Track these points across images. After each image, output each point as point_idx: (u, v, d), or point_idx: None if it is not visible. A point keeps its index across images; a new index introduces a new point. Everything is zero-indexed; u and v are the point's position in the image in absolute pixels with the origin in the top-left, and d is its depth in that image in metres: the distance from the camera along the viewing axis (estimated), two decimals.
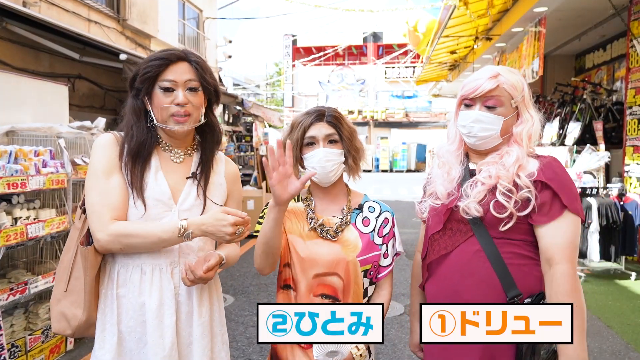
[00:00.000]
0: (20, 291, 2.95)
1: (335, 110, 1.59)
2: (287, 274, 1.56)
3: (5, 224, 2.83)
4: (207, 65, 1.55)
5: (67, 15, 7.41)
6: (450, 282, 1.42)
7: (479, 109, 1.43)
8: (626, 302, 4.57)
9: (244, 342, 3.69)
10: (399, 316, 4.26)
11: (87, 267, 1.43)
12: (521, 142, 1.42)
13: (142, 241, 1.40)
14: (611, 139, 6.91)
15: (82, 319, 1.45)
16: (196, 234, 1.40)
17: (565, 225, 1.34)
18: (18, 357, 2.96)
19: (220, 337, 1.58)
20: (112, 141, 1.49)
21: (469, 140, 1.47)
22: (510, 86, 1.41)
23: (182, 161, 1.55)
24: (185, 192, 1.51)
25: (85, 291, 1.45)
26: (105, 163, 1.46)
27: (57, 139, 3.45)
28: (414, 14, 12.67)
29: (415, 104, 30.25)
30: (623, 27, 6.55)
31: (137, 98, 1.50)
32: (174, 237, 1.39)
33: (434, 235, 1.48)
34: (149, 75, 1.45)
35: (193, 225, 1.39)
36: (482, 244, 1.38)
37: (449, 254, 1.43)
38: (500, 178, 1.37)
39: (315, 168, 1.52)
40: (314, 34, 33.06)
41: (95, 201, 1.42)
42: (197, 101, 1.49)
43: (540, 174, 1.36)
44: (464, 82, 1.49)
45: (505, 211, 1.34)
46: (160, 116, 1.46)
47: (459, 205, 1.40)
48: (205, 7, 13.09)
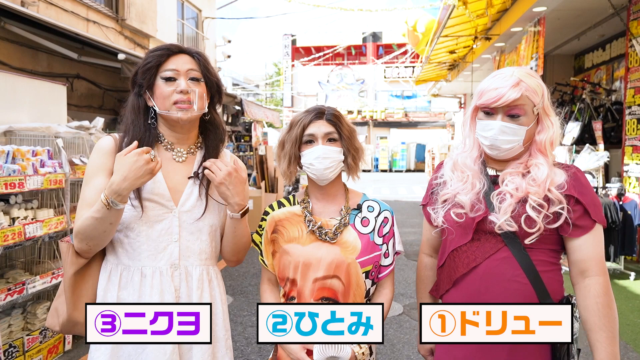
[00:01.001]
0: (18, 291, 2.94)
1: (335, 109, 1.59)
2: (287, 288, 1.56)
3: (3, 224, 2.82)
4: (208, 60, 1.53)
5: (65, 15, 7.39)
6: (479, 293, 1.38)
7: (501, 118, 1.37)
8: (625, 302, 4.58)
9: (242, 342, 3.68)
10: (397, 316, 4.25)
11: (67, 263, 1.44)
12: (545, 152, 1.40)
13: (93, 229, 1.35)
14: (610, 139, 6.91)
15: (64, 316, 1.45)
16: (121, 193, 1.31)
17: (596, 237, 1.36)
18: (16, 357, 2.95)
19: (224, 342, 1.53)
20: (109, 145, 1.47)
21: (491, 152, 1.43)
22: (532, 92, 1.36)
23: (184, 160, 1.53)
24: (186, 192, 1.48)
25: (64, 288, 1.45)
26: (94, 167, 1.45)
27: (55, 138, 3.44)
28: (413, 14, 12.66)
29: (415, 103, 30.24)
30: (622, 26, 6.55)
31: (139, 95, 1.49)
32: (106, 210, 1.31)
33: (460, 247, 1.43)
34: (150, 65, 1.45)
35: (110, 188, 1.30)
36: (514, 253, 1.36)
37: (479, 265, 1.39)
38: (531, 193, 1.35)
39: (313, 164, 1.51)
40: (313, 34, 33.06)
41: (79, 206, 1.44)
42: (199, 90, 1.46)
43: (572, 188, 1.36)
44: (482, 89, 1.40)
45: (536, 225, 1.33)
46: (163, 105, 1.45)
47: (492, 220, 1.37)
48: (204, 6, 13.08)
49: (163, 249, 1.44)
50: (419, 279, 1.68)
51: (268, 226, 1.60)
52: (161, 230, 1.44)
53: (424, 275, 1.66)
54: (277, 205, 1.64)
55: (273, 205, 1.66)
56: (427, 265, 1.66)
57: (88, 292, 1.47)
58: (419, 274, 1.69)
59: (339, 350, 1.42)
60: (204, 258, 1.50)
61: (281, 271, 1.56)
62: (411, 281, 5.35)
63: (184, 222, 1.46)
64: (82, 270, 1.47)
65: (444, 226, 1.47)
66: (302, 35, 32.96)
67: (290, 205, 1.62)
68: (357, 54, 32.52)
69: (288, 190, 9.52)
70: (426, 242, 1.65)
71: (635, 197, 5.57)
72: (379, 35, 31.74)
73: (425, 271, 1.66)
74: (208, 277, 1.52)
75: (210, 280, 1.53)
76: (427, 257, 1.66)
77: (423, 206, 1.63)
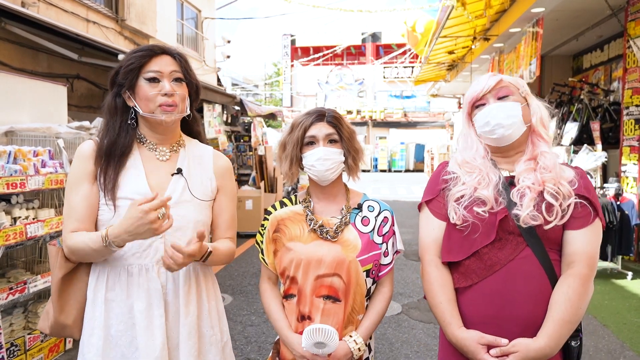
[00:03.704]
0: (19, 290, 2.96)
1: (336, 111, 1.61)
2: (287, 285, 1.59)
3: (4, 224, 2.84)
4: (188, 60, 1.55)
5: (65, 16, 7.41)
6: (499, 293, 1.37)
7: (492, 102, 1.45)
8: (622, 301, 4.60)
9: (242, 341, 3.70)
10: (396, 315, 4.27)
11: (55, 267, 1.46)
12: (542, 134, 1.45)
13: (85, 254, 1.39)
14: (608, 139, 6.93)
15: (51, 319, 1.48)
16: (120, 243, 1.33)
17: (593, 233, 1.38)
18: (17, 356, 2.97)
19: (208, 339, 1.53)
20: (89, 150, 1.48)
21: (495, 134, 1.42)
22: (512, 81, 1.48)
23: (168, 159, 1.53)
24: (170, 189, 1.48)
25: (52, 291, 1.47)
26: (76, 174, 1.46)
27: (56, 139, 3.46)
28: (412, 15, 12.68)
29: (414, 104, 30.25)
30: (620, 27, 6.57)
31: (118, 95, 1.49)
32: (102, 247, 1.33)
33: (482, 248, 1.40)
34: (132, 66, 1.44)
35: (112, 232, 1.32)
36: (535, 252, 1.37)
37: (502, 268, 1.38)
38: (546, 181, 1.38)
39: (314, 165, 1.53)
40: (312, 34, 33.05)
41: (65, 213, 1.45)
42: (182, 92, 1.48)
43: (581, 187, 1.40)
44: (467, 94, 1.52)
45: (553, 214, 1.35)
46: (147, 107, 1.45)
47: (516, 214, 1.36)
48: (203, 7, 13.08)
49: (148, 245, 1.44)
50: (432, 282, 1.46)
51: (270, 225, 1.63)
52: None
53: (437, 277, 1.45)
54: (279, 205, 1.67)
55: (275, 205, 1.68)
56: (439, 266, 1.48)
57: (76, 294, 1.48)
58: (431, 277, 1.47)
59: (327, 336, 1.43)
60: None
61: (282, 268, 1.59)
62: (410, 281, 5.37)
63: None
64: (71, 274, 1.48)
65: (467, 223, 1.40)
66: (301, 35, 32.96)
67: (292, 204, 1.65)
68: (357, 54, 32.53)
69: (287, 190, 9.53)
70: (433, 243, 1.49)
71: (632, 197, 5.60)
72: (378, 36, 31.76)
73: (439, 272, 1.46)
74: (195, 273, 1.52)
75: (197, 276, 1.53)
76: (438, 259, 1.49)
77: (427, 202, 1.54)
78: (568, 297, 1.30)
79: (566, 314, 1.29)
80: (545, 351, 1.27)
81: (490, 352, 1.30)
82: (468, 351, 1.34)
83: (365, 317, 1.58)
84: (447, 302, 1.42)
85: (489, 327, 1.35)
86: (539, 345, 1.27)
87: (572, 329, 1.31)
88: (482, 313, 1.39)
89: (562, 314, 1.29)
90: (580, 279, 1.32)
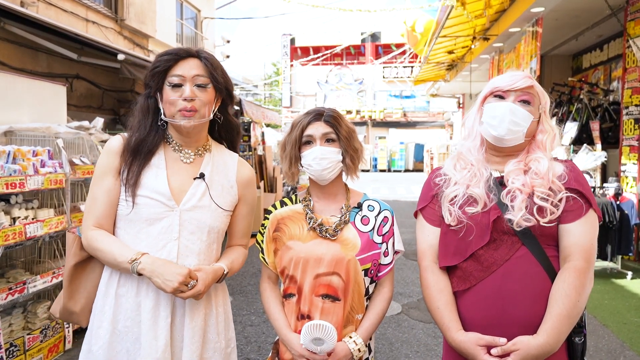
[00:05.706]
0: (18, 291, 2.96)
1: (335, 110, 1.61)
2: (287, 284, 1.59)
3: (3, 224, 2.83)
4: (218, 63, 1.54)
5: (65, 15, 7.40)
6: (498, 291, 1.37)
7: (512, 101, 1.43)
8: (622, 301, 4.60)
9: (241, 341, 3.69)
10: (396, 315, 4.27)
11: (70, 254, 1.50)
12: (544, 149, 1.44)
13: (104, 256, 1.44)
14: (608, 139, 6.94)
15: (61, 304, 1.54)
16: (144, 272, 1.38)
17: (588, 224, 1.37)
18: (16, 356, 2.96)
19: (213, 345, 1.53)
20: (117, 145, 1.51)
21: (496, 131, 1.41)
22: (540, 91, 1.46)
23: (192, 162, 1.55)
24: (190, 192, 1.50)
25: (64, 277, 1.51)
26: (101, 167, 1.49)
27: (55, 139, 3.45)
28: (412, 14, 12.69)
29: (413, 103, 30.25)
30: (619, 27, 6.57)
31: (149, 96, 1.51)
32: (125, 263, 1.39)
33: (478, 250, 1.40)
34: (158, 70, 1.47)
35: (144, 264, 1.38)
36: (531, 250, 1.36)
37: (499, 268, 1.38)
38: (536, 186, 1.38)
39: (311, 165, 1.54)
40: (312, 34, 33.04)
41: (87, 204, 1.50)
42: (205, 97, 1.48)
43: (572, 180, 1.39)
44: (495, 80, 1.48)
45: (546, 215, 1.35)
46: (168, 111, 1.47)
47: (509, 218, 1.37)
48: (203, 7, 13.08)
49: (162, 247, 1.45)
50: (431, 287, 1.47)
51: (270, 224, 1.63)
52: (161, 228, 1.45)
53: (434, 281, 1.46)
54: (279, 204, 1.67)
55: (276, 204, 1.68)
56: (437, 272, 1.48)
57: (86, 284, 1.51)
58: (429, 281, 1.48)
59: (325, 333, 1.43)
60: (203, 259, 1.51)
61: (282, 267, 1.59)
62: (410, 280, 5.37)
63: (184, 222, 1.47)
64: (84, 263, 1.51)
65: (462, 224, 1.41)
66: (300, 35, 32.95)
67: (292, 204, 1.65)
68: (356, 53, 32.52)
69: (287, 190, 9.53)
70: (429, 249, 1.51)
71: (632, 196, 5.60)
72: (377, 36, 31.74)
73: (436, 277, 1.47)
74: None
75: None
76: (434, 264, 1.50)
77: (421, 209, 1.55)
78: (565, 292, 1.29)
79: (564, 308, 1.28)
80: (545, 348, 1.26)
81: (491, 351, 1.30)
82: (468, 354, 1.34)
83: (365, 318, 1.58)
84: (444, 306, 1.42)
85: (490, 328, 1.35)
86: (539, 342, 1.26)
87: (572, 323, 1.30)
88: (482, 315, 1.38)
89: (560, 309, 1.28)
90: (576, 272, 1.31)
